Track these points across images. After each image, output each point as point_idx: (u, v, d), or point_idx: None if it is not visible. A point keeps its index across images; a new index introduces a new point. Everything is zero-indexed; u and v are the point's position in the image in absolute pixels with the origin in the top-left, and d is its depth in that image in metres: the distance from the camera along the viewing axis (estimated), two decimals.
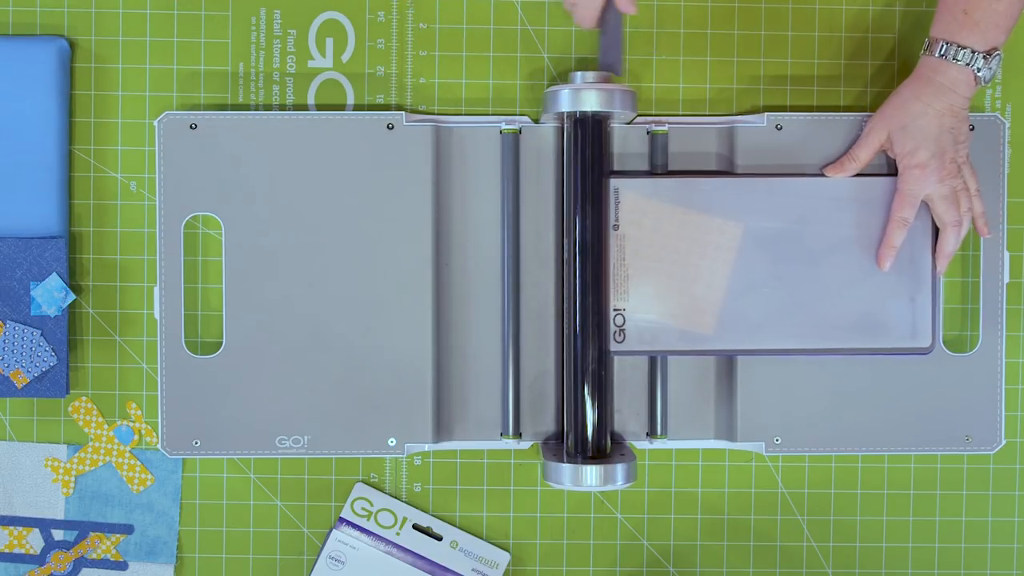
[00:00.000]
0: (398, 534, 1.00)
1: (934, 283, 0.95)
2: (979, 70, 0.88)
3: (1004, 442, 0.98)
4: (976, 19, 0.87)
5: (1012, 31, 0.89)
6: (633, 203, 0.94)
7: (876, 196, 0.95)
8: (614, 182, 0.94)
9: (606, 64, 0.92)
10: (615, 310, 0.94)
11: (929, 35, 0.90)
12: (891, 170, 0.96)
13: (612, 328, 0.94)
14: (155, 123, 0.95)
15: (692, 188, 0.95)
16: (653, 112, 0.99)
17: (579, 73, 0.94)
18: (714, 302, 0.95)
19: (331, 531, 1.00)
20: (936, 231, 0.95)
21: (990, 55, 0.88)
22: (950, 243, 0.94)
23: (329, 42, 0.99)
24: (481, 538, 1.00)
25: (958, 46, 0.88)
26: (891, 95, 0.93)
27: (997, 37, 0.88)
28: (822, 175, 0.96)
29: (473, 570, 1.00)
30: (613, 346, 0.94)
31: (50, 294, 0.96)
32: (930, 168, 0.92)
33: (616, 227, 0.94)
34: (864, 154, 0.94)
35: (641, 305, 0.95)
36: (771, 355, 0.96)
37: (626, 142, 0.98)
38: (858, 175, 0.95)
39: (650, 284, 0.94)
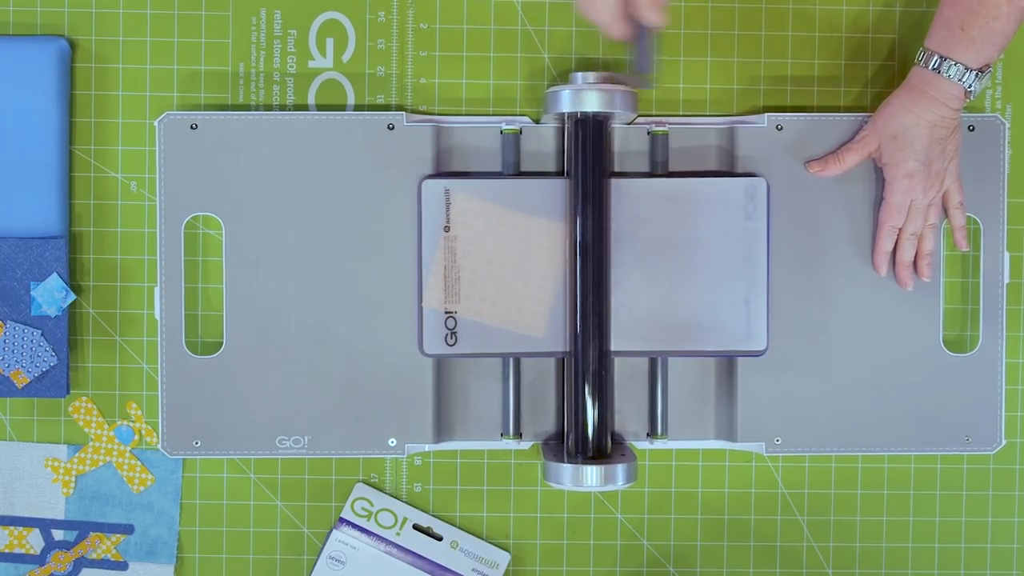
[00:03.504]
0: (398, 534, 1.00)
1: (768, 286, 0.95)
2: (970, 86, 0.89)
3: (1004, 442, 0.98)
4: (972, 36, 0.87)
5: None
6: (464, 204, 0.94)
7: (710, 197, 0.95)
8: (444, 183, 0.94)
9: (642, 67, 0.89)
10: (447, 312, 0.94)
11: (924, 45, 0.90)
12: (727, 170, 0.96)
13: (444, 331, 0.94)
14: (155, 123, 0.95)
15: (523, 190, 0.94)
16: (653, 112, 0.99)
17: (580, 73, 0.94)
18: (545, 304, 0.94)
19: (331, 531, 1.00)
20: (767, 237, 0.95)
21: (982, 72, 0.88)
22: (907, 253, 0.95)
23: (329, 42, 0.99)
24: (481, 538, 1.00)
25: (952, 61, 0.88)
26: (883, 105, 0.93)
27: (991, 55, 0.88)
28: (652, 175, 0.96)
29: (473, 570, 1.00)
30: (444, 348, 0.94)
31: (50, 294, 0.96)
32: (917, 178, 0.92)
33: (447, 228, 0.94)
34: (852, 159, 0.94)
35: (472, 307, 0.94)
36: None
37: (626, 142, 0.98)
38: (692, 175, 0.95)
39: (482, 286, 0.94)
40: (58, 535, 0.99)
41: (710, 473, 1.01)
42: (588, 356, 0.93)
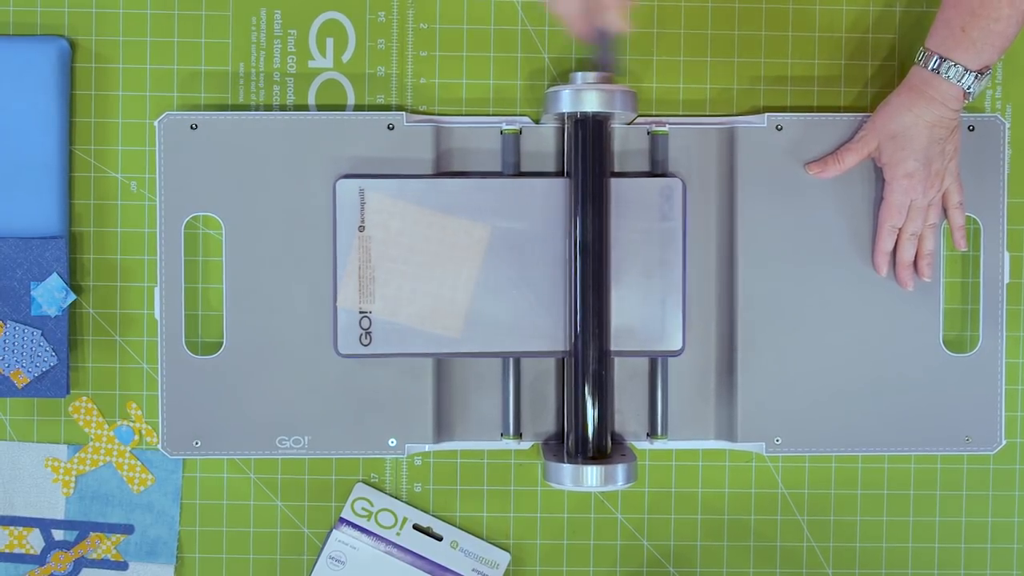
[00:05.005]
0: (398, 534, 1.00)
1: (684, 286, 0.95)
2: (969, 87, 0.89)
3: (1004, 442, 0.98)
4: (973, 38, 0.87)
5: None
6: (379, 204, 0.94)
7: (627, 198, 0.95)
8: (359, 183, 0.94)
9: (603, 63, 0.92)
10: (361, 312, 0.94)
11: (924, 45, 0.90)
12: (659, 172, 0.96)
13: (358, 331, 0.94)
14: (155, 123, 0.95)
15: (439, 189, 0.94)
16: (653, 112, 0.99)
17: (580, 73, 0.94)
18: (461, 305, 0.94)
19: (331, 531, 1.00)
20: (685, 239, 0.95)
21: (982, 73, 0.88)
22: (907, 253, 0.95)
23: (329, 42, 0.99)
24: (481, 538, 1.00)
25: (952, 62, 0.88)
26: (882, 105, 0.93)
27: (991, 57, 0.88)
28: (568, 175, 0.96)
29: (473, 570, 1.00)
30: (358, 348, 0.94)
31: (50, 294, 0.96)
32: (917, 178, 0.92)
33: (362, 228, 0.94)
34: (851, 159, 0.94)
35: (387, 307, 0.94)
36: (519, 358, 0.96)
37: (626, 142, 0.98)
38: (613, 175, 0.95)
39: (397, 286, 0.94)
40: (58, 535, 0.99)
41: (710, 473, 1.01)
42: (588, 356, 0.93)
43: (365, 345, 0.94)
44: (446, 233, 0.94)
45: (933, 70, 0.89)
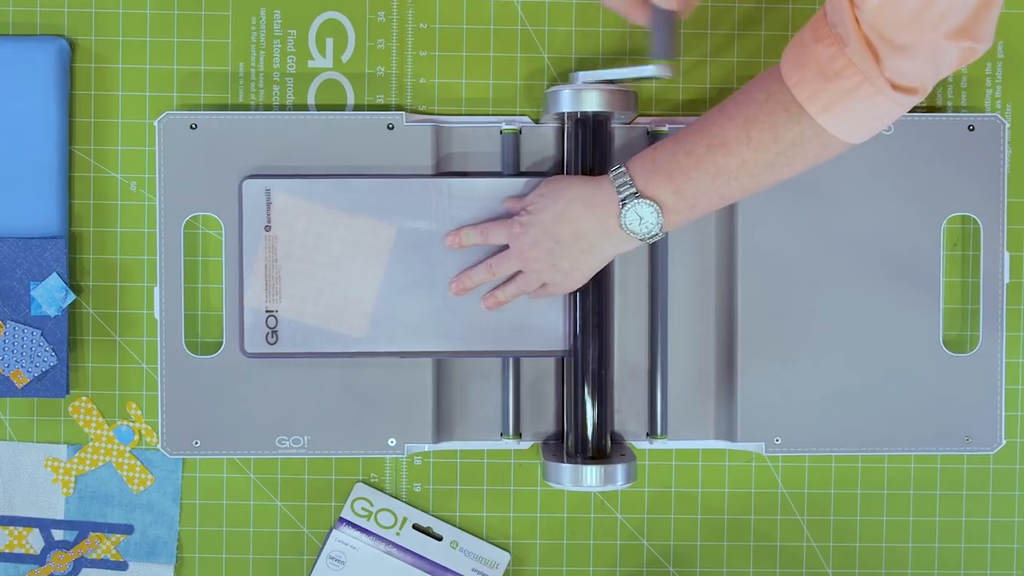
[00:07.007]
0: (398, 534, 1.00)
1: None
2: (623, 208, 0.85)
3: (1004, 442, 0.98)
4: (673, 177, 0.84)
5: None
6: (285, 204, 0.94)
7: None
8: (265, 183, 0.94)
9: (660, 50, 0.88)
10: (267, 311, 0.94)
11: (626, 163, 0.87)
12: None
13: (264, 330, 0.94)
14: (155, 123, 0.95)
15: (345, 189, 0.94)
16: (653, 112, 0.99)
17: (579, 73, 0.94)
18: (366, 304, 0.94)
19: (331, 531, 1.00)
20: None
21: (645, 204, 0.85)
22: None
23: (329, 42, 0.99)
24: (481, 538, 1.00)
25: (640, 195, 0.85)
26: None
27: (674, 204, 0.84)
28: (474, 175, 0.95)
29: (473, 570, 1.00)
30: (264, 347, 0.94)
31: (50, 294, 0.96)
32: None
33: (268, 228, 0.94)
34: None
35: (293, 306, 0.94)
36: (424, 357, 0.95)
37: (626, 142, 0.98)
38: (511, 176, 0.95)
39: (303, 286, 0.94)
40: (58, 535, 0.99)
41: (710, 473, 1.01)
42: (588, 356, 0.93)
43: (271, 344, 0.94)
44: (351, 233, 0.94)
45: (615, 180, 0.87)
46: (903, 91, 0.75)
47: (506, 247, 0.92)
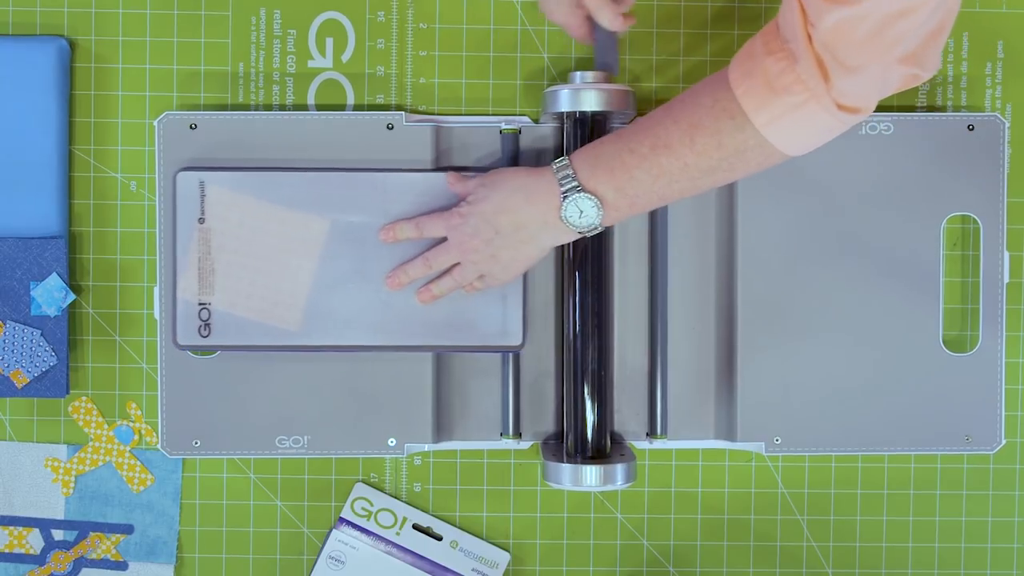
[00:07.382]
0: (398, 534, 1.00)
1: (525, 282, 0.94)
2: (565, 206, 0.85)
3: (1004, 442, 0.98)
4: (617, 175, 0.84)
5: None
6: (218, 196, 0.94)
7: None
8: (199, 175, 0.94)
9: (602, 64, 0.92)
10: (200, 304, 0.94)
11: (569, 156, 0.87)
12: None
13: (197, 323, 0.94)
14: (155, 123, 0.96)
15: (277, 182, 0.94)
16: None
17: (578, 73, 0.94)
18: (300, 298, 0.94)
19: (331, 531, 1.00)
20: None
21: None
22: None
23: (329, 42, 0.99)
24: (481, 538, 1.00)
25: (581, 188, 0.85)
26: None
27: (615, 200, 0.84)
28: (407, 170, 0.95)
29: (473, 570, 1.00)
30: (197, 339, 0.94)
31: (50, 294, 0.96)
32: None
33: (202, 220, 0.94)
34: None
35: (226, 299, 0.94)
36: (359, 351, 0.95)
37: None
38: (437, 170, 0.95)
39: (236, 278, 0.94)
40: (58, 535, 0.99)
41: (710, 473, 1.01)
42: (588, 356, 0.93)
43: (204, 336, 0.94)
44: (284, 226, 0.94)
45: (558, 174, 0.87)
46: (847, 111, 0.76)
47: (443, 240, 0.92)
